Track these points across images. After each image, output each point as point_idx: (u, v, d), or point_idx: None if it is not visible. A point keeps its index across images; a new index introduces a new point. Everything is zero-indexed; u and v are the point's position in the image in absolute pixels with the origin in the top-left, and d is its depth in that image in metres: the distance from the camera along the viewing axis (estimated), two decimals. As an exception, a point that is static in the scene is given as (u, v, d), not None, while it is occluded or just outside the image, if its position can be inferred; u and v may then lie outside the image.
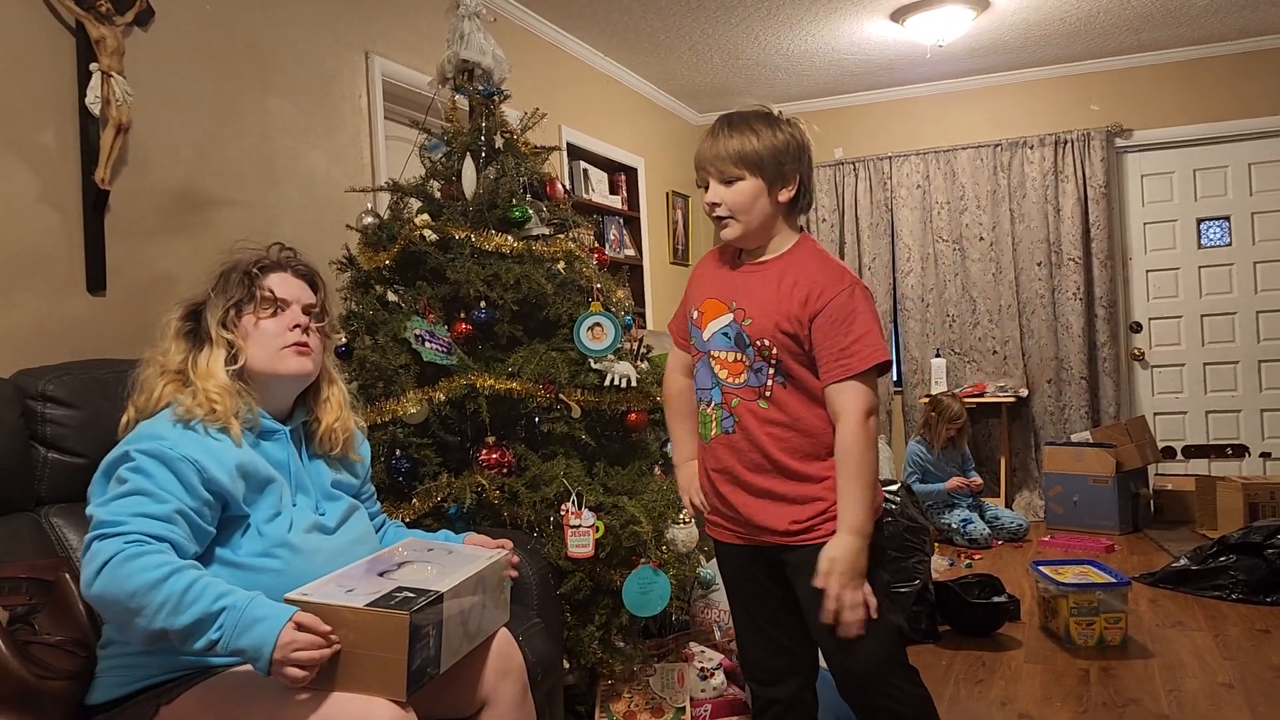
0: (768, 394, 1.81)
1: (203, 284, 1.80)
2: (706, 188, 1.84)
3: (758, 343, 1.80)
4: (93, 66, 2.46)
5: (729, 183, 1.80)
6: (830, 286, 1.77)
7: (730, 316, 1.84)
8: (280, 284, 1.78)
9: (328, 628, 1.47)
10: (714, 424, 1.87)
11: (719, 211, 1.83)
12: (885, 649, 1.83)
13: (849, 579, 1.73)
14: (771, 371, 1.80)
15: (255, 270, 1.77)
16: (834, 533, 1.76)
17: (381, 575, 1.62)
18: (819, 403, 1.80)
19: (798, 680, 1.94)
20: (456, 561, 1.74)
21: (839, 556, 1.73)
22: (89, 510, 1.55)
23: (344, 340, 2.62)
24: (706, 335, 1.87)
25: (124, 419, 1.71)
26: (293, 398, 1.82)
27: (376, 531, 1.97)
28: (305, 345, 1.76)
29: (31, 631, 1.64)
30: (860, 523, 1.74)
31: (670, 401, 2.07)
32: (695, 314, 1.91)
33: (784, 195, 1.82)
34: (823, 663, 1.99)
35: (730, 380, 1.84)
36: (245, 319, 1.73)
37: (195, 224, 2.84)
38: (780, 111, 1.84)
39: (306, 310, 1.79)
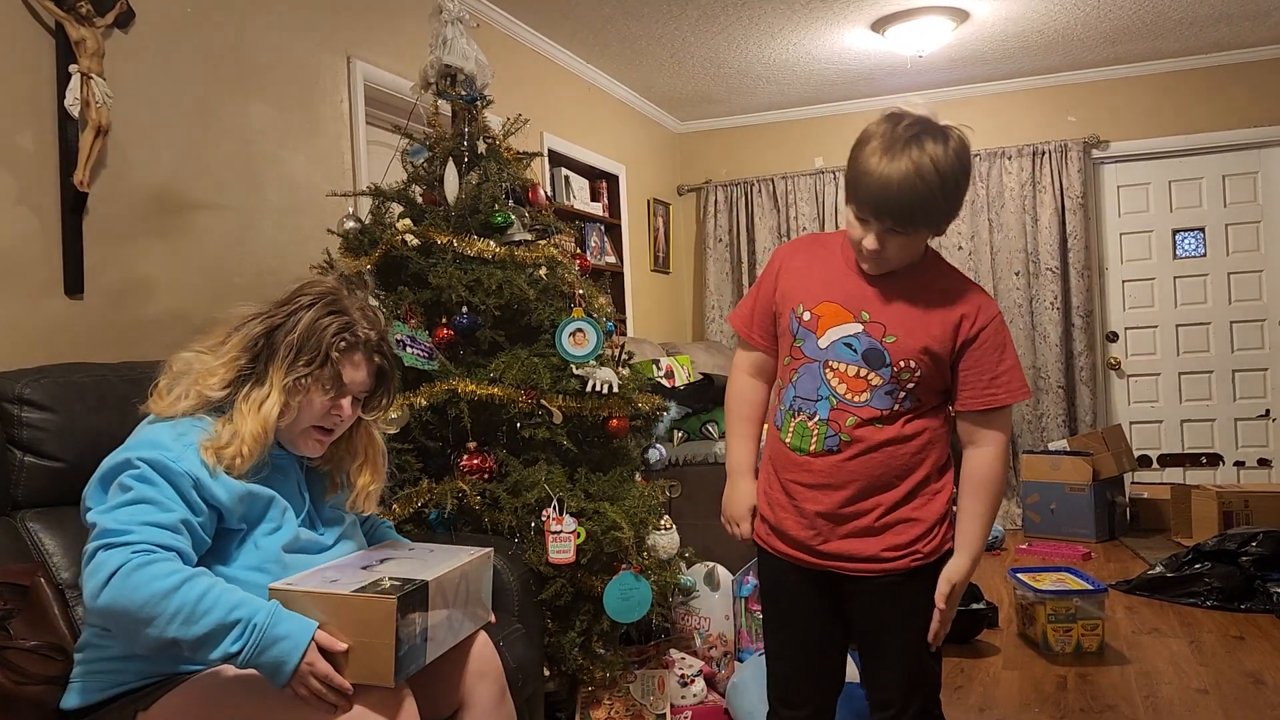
0: (890, 418, 1.68)
1: (282, 307, 1.72)
2: (863, 221, 1.63)
3: (900, 363, 1.65)
4: (72, 68, 2.45)
5: (895, 234, 1.61)
6: (984, 311, 1.69)
7: (859, 327, 1.67)
8: (351, 368, 1.71)
9: (344, 645, 1.48)
10: (814, 439, 1.70)
11: (876, 259, 1.65)
12: (937, 680, 1.83)
13: (958, 599, 1.73)
14: (902, 396, 1.67)
15: (336, 354, 1.69)
16: (915, 564, 1.71)
17: (365, 569, 1.63)
18: (930, 420, 1.72)
19: (827, 700, 1.87)
20: (440, 557, 1.75)
21: (958, 582, 1.71)
22: (90, 517, 1.52)
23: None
24: (824, 343, 1.69)
25: (143, 407, 1.69)
26: None
27: (367, 531, 1.98)
28: (329, 434, 1.75)
29: (7, 637, 1.62)
30: (979, 548, 1.72)
31: (732, 402, 1.88)
32: (806, 314, 1.71)
33: (944, 225, 1.66)
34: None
35: (849, 397, 1.68)
36: (308, 385, 1.68)
37: (175, 227, 2.82)
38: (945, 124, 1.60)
39: (355, 399, 1.75)
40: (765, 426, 1.86)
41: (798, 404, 1.73)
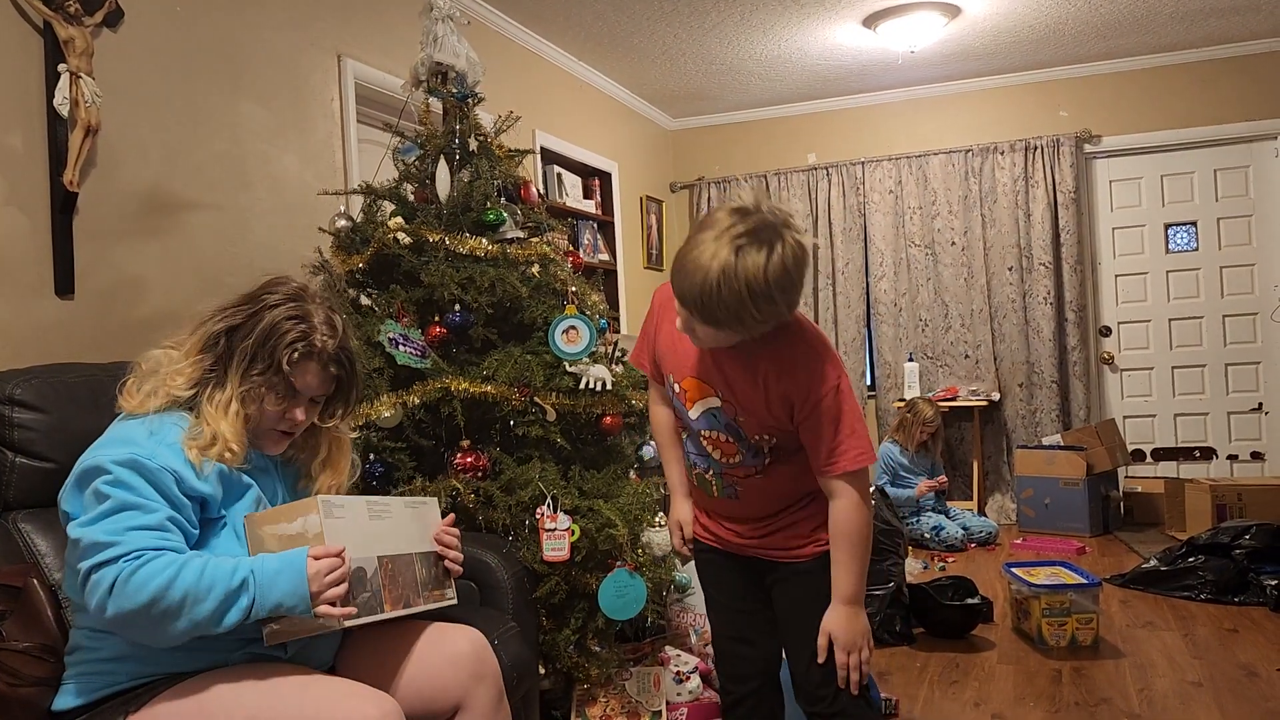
0: (765, 469, 1.79)
1: (244, 306, 1.72)
2: (679, 299, 1.63)
3: (754, 437, 1.76)
4: (61, 67, 2.44)
5: (703, 324, 1.62)
6: (814, 390, 1.68)
7: (719, 402, 1.75)
8: (304, 376, 1.70)
9: (339, 546, 1.56)
10: (714, 488, 1.87)
11: (692, 336, 1.68)
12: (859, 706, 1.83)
13: (852, 645, 1.76)
14: (766, 454, 1.78)
15: (287, 365, 1.67)
16: (822, 549, 1.80)
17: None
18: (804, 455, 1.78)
19: (769, 673, 1.97)
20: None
21: (836, 629, 1.76)
22: (73, 532, 1.52)
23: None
24: (694, 414, 1.80)
25: (116, 405, 1.70)
26: None
27: None
28: (290, 434, 1.76)
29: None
30: (854, 593, 1.75)
31: (655, 430, 2.01)
32: (676, 386, 1.81)
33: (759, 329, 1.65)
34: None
35: (724, 460, 1.81)
36: (261, 393, 1.68)
37: (165, 227, 2.81)
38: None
39: (313, 401, 1.75)
40: None
41: (693, 459, 1.90)
